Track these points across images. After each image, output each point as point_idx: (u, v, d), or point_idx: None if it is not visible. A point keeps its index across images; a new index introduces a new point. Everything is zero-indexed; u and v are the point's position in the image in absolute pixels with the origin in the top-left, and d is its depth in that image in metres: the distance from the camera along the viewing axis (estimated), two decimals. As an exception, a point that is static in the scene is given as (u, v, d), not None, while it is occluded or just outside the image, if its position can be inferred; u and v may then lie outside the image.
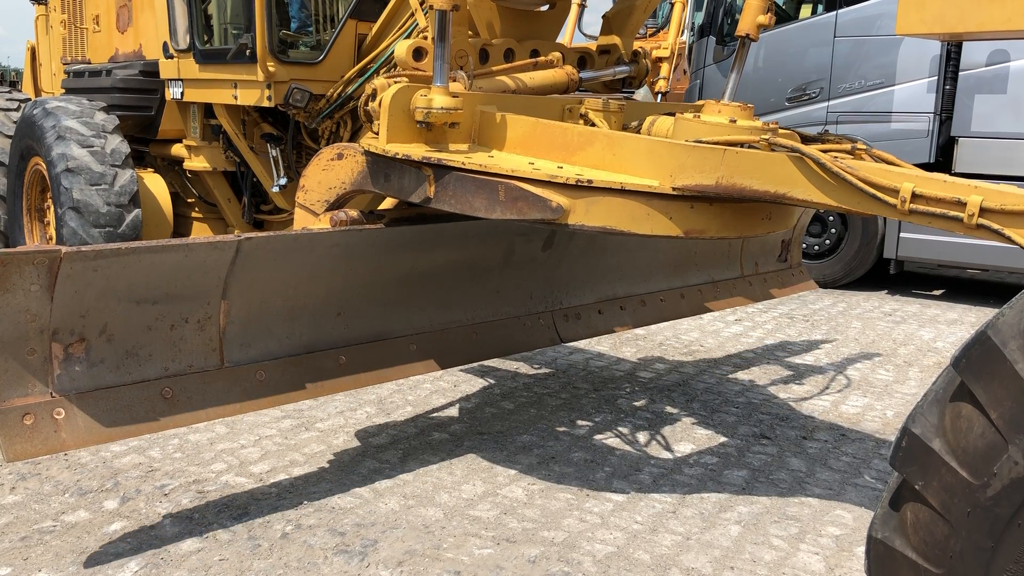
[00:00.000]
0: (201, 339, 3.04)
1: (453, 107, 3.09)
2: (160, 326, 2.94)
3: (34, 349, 2.72)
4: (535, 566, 3.03)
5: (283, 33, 4.91)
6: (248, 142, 5.39)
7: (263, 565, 2.97)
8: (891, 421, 4.65)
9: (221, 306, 3.05)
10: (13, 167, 6.01)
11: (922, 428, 1.77)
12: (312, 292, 3.29)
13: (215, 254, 2.95)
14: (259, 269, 3.10)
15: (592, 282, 4.35)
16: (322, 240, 3.24)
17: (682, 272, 4.75)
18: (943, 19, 2.62)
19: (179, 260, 2.91)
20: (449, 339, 3.74)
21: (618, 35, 4.30)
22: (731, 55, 8.68)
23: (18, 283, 2.62)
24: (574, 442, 4.14)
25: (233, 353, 3.12)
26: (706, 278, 4.87)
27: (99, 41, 6.80)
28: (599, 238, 4.18)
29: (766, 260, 5.15)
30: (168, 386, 2.96)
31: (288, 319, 3.26)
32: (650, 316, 4.60)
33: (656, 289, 4.65)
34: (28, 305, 2.66)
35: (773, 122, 3.15)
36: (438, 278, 3.69)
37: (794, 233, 5.18)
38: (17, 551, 3.00)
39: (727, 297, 4.95)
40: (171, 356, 2.98)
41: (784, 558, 3.17)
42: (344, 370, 3.37)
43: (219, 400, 3.07)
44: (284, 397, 3.21)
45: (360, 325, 3.45)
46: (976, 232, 2.46)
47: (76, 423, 2.77)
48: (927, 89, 7.69)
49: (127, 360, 2.91)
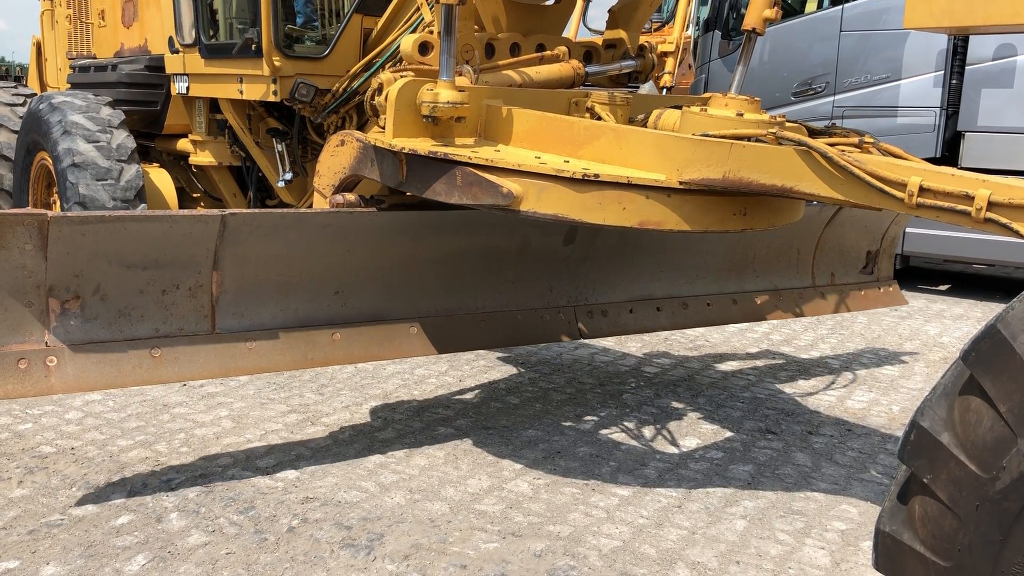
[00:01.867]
0: (192, 305, 3.22)
1: (459, 101, 3.08)
2: (152, 290, 3.14)
3: (31, 302, 2.96)
4: (541, 560, 3.04)
5: (289, 28, 4.91)
6: (254, 137, 5.40)
7: (270, 559, 2.98)
8: (897, 416, 4.65)
9: (213, 276, 3.22)
10: (19, 162, 6.02)
11: (931, 421, 1.77)
12: (308, 270, 3.41)
13: (199, 226, 3.12)
14: (250, 244, 3.25)
15: (624, 280, 4.26)
16: (311, 220, 3.36)
17: (737, 276, 4.58)
18: (951, 12, 2.61)
19: (164, 230, 3.09)
20: (454, 325, 3.79)
21: (624, 29, 4.30)
22: (736, 50, 8.67)
23: (12, 242, 2.87)
24: (579, 437, 4.14)
25: (225, 321, 3.29)
26: (767, 285, 4.67)
27: (104, 36, 6.80)
28: (632, 236, 4.10)
29: (846, 271, 4.90)
30: (157, 346, 3.16)
31: (283, 293, 3.39)
32: (692, 320, 4.47)
33: (703, 292, 4.49)
34: (24, 262, 2.90)
35: (780, 115, 3.14)
36: (445, 264, 3.73)
37: (882, 244, 4.96)
38: (25, 544, 3.01)
39: (791, 307, 4.73)
40: (162, 319, 3.18)
41: (790, 552, 3.17)
42: (337, 346, 3.49)
43: (205, 363, 3.24)
44: (270, 365, 3.37)
45: (359, 305, 3.55)
46: (984, 226, 2.46)
47: (66, 371, 3.00)
48: (933, 83, 7.66)
49: (119, 319, 3.11)
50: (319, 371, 4.90)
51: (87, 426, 4.04)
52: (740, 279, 4.59)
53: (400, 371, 4.96)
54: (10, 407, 4.23)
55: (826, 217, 4.65)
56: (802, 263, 4.77)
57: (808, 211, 4.49)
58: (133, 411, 4.23)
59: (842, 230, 4.79)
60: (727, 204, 2.97)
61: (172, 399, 4.41)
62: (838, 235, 4.80)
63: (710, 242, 4.42)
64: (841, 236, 4.82)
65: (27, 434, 3.93)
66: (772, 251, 4.65)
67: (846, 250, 4.88)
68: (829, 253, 4.82)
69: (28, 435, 3.92)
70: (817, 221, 4.66)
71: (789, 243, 4.71)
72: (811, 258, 4.78)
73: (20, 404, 4.27)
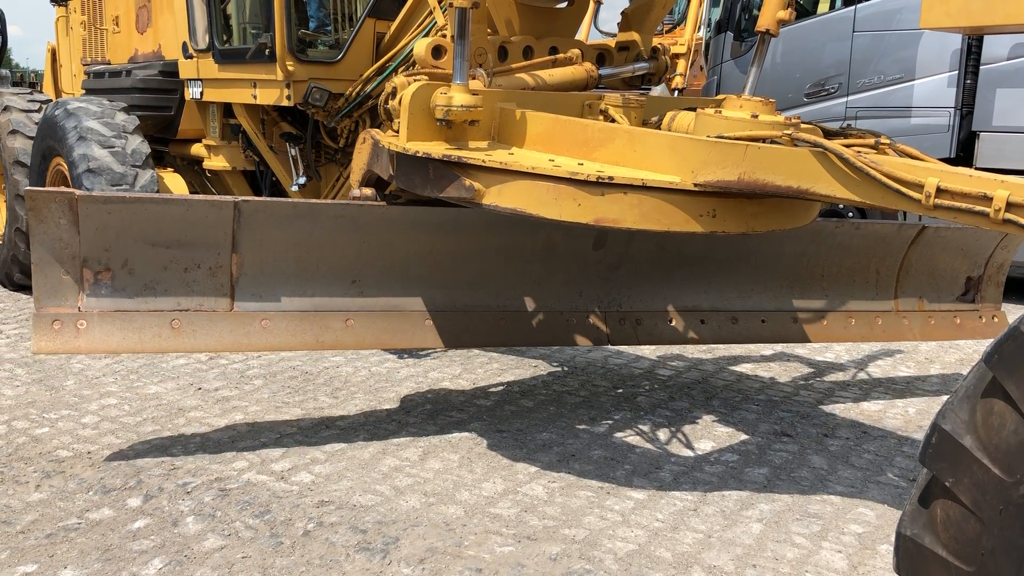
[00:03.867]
0: (213, 283, 3.49)
1: (473, 104, 3.09)
2: (175, 267, 3.44)
3: (68, 271, 3.34)
4: (556, 564, 3.03)
5: (302, 32, 4.92)
6: (267, 141, 5.42)
7: (285, 562, 2.98)
8: (913, 419, 4.62)
9: (233, 258, 3.48)
10: (35, 168, 6.06)
11: (953, 424, 1.75)
12: (325, 258, 3.61)
13: (214, 211, 3.40)
14: (266, 230, 3.50)
15: (665, 289, 4.17)
16: (323, 210, 3.59)
17: (801, 293, 4.35)
18: (968, 12, 2.59)
19: (182, 212, 3.40)
20: (472, 320, 3.86)
21: (637, 31, 4.29)
22: (748, 51, 8.65)
23: (49, 216, 3.26)
24: (594, 440, 4.13)
25: (244, 300, 3.54)
26: (837, 305, 4.39)
27: (119, 42, 6.84)
28: (673, 244, 4.04)
29: (938, 296, 4.55)
30: (177, 318, 3.47)
31: (301, 278, 3.60)
32: (742, 335, 4.29)
33: (757, 308, 4.29)
34: (60, 235, 3.30)
35: (795, 116, 3.13)
36: (466, 261, 3.81)
37: (986, 269, 4.56)
38: (43, 548, 3.02)
39: (866, 331, 4.43)
40: (184, 293, 3.48)
41: (807, 556, 3.15)
42: (349, 331, 3.67)
43: (220, 337, 3.52)
44: (282, 344, 3.61)
45: (375, 294, 3.72)
46: (1002, 227, 2.44)
47: (93, 335, 3.37)
48: (947, 83, 7.61)
49: (144, 291, 3.45)
50: (333, 375, 4.91)
51: (103, 430, 4.06)
52: (804, 297, 4.35)
53: (414, 375, 4.97)
54: (27, 411, 4.25)
55: (908, 237, 4.37)
56: (882, 285, 4.46)
57: (886, 230, 4.31)
58: (149, 415, 4.25)
59: (932, 252, 4.46)
60: (694, 204, 2.89)
61: (187, 403, 4.43)
62: (927, 257, 4.48)
63: (768, 256, 4.24)
64: (931, 258, 4.49)
65: (44, 438, 3.95)
66: (844, 270, 4.38)
67: (938, 274, 4.52)
68: (916, 276, 4.49)
69: (45, 439, 3.94)
70: (898, 241, 4.39)
71: (865, 263, 4.43)
72: (894, 280, 4.47)
73: (37, 408, 4.29)
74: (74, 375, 4.80)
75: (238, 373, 4.90)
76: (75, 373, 4.83)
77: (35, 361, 5.03)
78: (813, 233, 4.22)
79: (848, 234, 4.35)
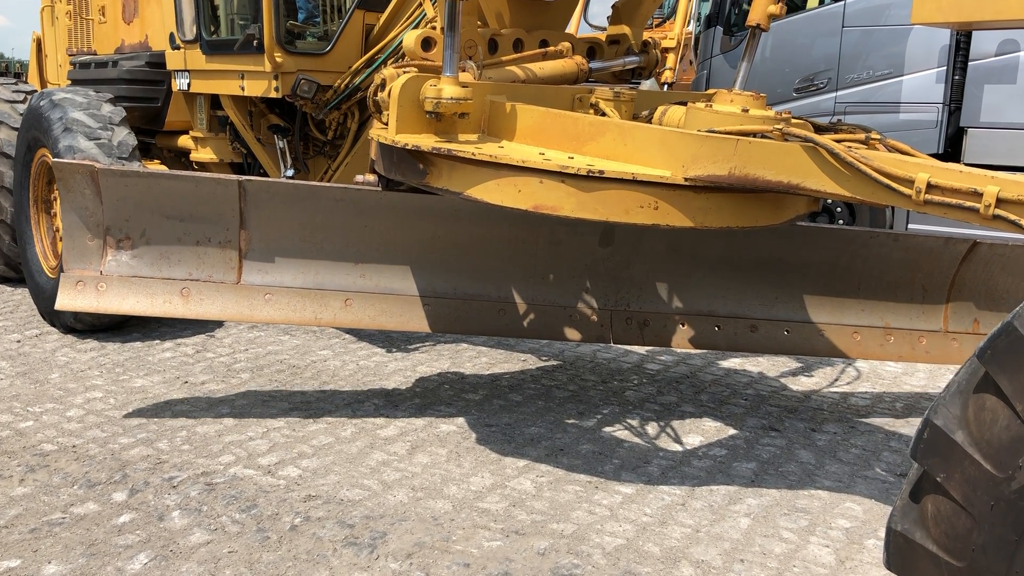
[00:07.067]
0: (223, 257, 3.79)
1: (463, 97, 3.06)
2: (187, 240, 3.76)
3: (92, 237, 3.73)
4: (544, 558, 3.02)
5: (290, 24, 4.89)
6: (255, 133, 5.38)
7: (272, 557, 2.96)
8: (900, 413, 4.63)
9: (241, 234, 3.77)
10: (20, 159, 5.99)
11: (944, 420, 1.75)
12: (328, 239, 3.83)
13: (220, 188, 3.68)
14: (271, 209, 3.74)
15: (678, 291, 4.10)
16: (324, 192, 3.78)
17: (834, 306, 4.16)
18: (960, 7, 2.59)
19: (191, 188, 3.70)
20: (471, 309, 3.96)
21: (628, 25, 4.27)
22: (738, 46, 8.65)
23: (75, 186, 3.64)
24: (582, 434, 4.12)
25: (251, 275, 3.82)
26: (876, 321, 4.17)
27: (105, 32, 6.78)
28: (687, 246, 3.99)
29: (997, 319, 4.07)
30: (188, 287, 3.78)
31: (305, 257, 3.83)
32: (762, 344, 4.15)
33: (781, 318, 4.13)
34: (86, 204, 3.67)
35: (786, 111, 3.12)
36: (469, 250, 3.90)
37: None
38: (27, 543, 2.99)
39: (906, 350, 4.19)
40: (195, 265, 3.79)
41: (794, 550, 3.15)
42: (347, 310, 3.87)
43: (225, 306, 3.79)
44: (282, 317, 3.85)
45: (377, 278, 3.90)
46: (992, 223, 2.43)
47: (111, 296, 3.75)
48: (936, 79, 7.63)
49: (159, 260, 3.78)
50: (321, 368, 4.89)
51: (88, 424, 4.02)
52: (836, 310, 4.16)
53: (402, 368, 4.95)
54: (11, 405, 4.21)
55: (958, 252, 4.10)
56: (930, 303, 4.20)
57: (931, 243, 4.09)
58: (134, 408, 4.22)
59: (990, 270, 4.16)
60: (684, 198, 2.84)
61: (174, 396, 4.39)
62: (984, 275, 4.18)
63: (795, 264, 4.11)
64: (989, 277, 4.18)
65: (28, 432, 3.91)
66: (884, 284, 4.16)
67: (998, 295, 4.19)
68: (971, 296, 4.20)
69: (29, 433, 3.90)
70: (947, 256, 4.12)
71: (909, 277, 4.18)
72: (944, 299, 4.20)
73: (21, 402, 4.25)
74: (59, 368, 4.76)
75: (225, 366, 4.87)
76: (60, 366, 4.79)
77: (19, 354, 4.99)
78: (845, 242, 4.07)
79: (886, 245, 4.13)
